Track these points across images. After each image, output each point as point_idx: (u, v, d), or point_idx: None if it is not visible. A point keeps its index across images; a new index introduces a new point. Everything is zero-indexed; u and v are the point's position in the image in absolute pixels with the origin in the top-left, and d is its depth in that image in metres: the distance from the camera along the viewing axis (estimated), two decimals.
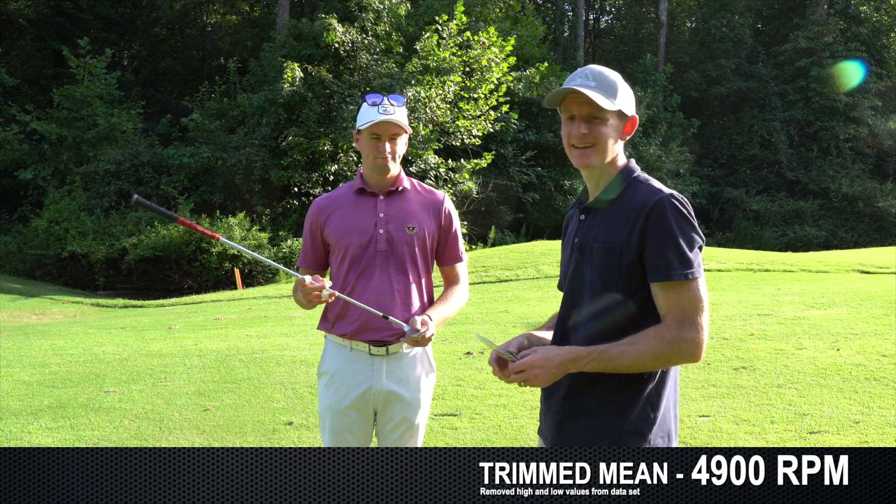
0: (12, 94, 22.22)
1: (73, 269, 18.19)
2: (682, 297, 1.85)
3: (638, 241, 1.89)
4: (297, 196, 18.64)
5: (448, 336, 7.62)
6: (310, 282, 2.52)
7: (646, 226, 1.88)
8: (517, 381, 1.89)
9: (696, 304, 1.86)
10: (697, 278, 1.87)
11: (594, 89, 1.93)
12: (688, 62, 32.02)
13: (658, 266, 1.86)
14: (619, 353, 1.84)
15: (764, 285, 9.81)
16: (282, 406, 5.48)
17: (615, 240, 1.92)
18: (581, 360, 1.85)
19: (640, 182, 1.99)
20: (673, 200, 1.88)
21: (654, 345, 1.83)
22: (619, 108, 1.96)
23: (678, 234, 1.86)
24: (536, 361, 1.86)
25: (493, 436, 4.70)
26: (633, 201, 1.94)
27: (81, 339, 8.61)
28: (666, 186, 1.98)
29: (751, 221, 27.34)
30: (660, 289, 1.87)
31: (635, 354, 1.83)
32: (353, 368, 2.75)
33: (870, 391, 5.22)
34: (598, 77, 1.96)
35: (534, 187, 22.17)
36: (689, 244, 1.87)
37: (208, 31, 31.82)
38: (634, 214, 1.91)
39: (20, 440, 4.84)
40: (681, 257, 1.85)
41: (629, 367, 1.85)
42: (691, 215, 1.90)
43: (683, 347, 1.84)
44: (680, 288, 1.86)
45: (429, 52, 18.28)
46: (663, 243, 1.86)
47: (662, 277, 1.86)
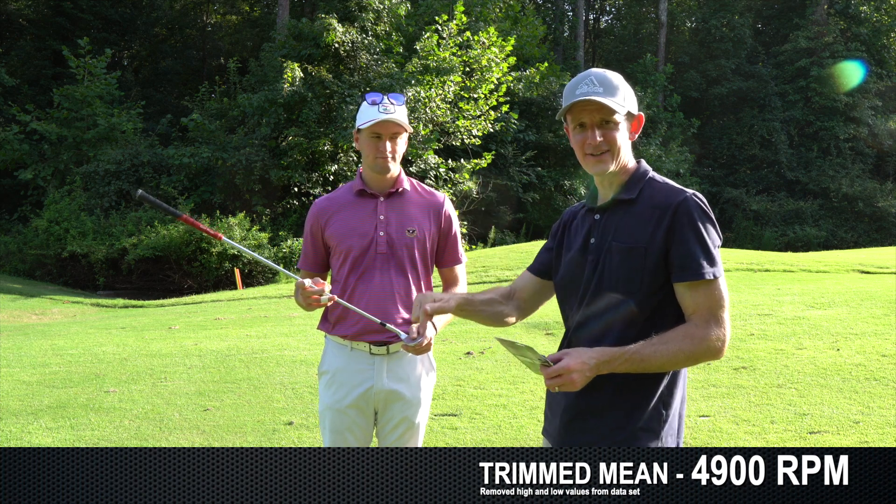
0: (12, 94, 22.22)
1: (73, 269, 18.19)
2: (708, 296, 1.88)
3: (663, 240, 1.89)
4: (297, 196, 18.64)
5: (448, 336, 7.62)
6: (309, 285, 2.52)
7: (672, 225, 1.89)
8: (553, 385, 1.86)
9: (721, 303, 1.89)
10: (721, 276, 1.90)
11: (602, 95, 1.94)
12: (688, 62, 32.03)
13: (686, 265, 1.87)
14: (652, 354, 1.84)
15: (764, 285, 9.81)
16: (282, 406, 5.48)
17: (638, 239, 1.92)
18: (614, 361, 1.85)
19: (657, 182, 2.00)
20: (697, 200, 1.91)
21: (686, 344, 1.85)
22: (628, 110, 1.98)
23: (704, 233, 1.89)
24: (574, 366, 1.83)
25: (493, 436, 4.70)
26: (653, 201, 1.94)
27: (81, 339, 8.61)
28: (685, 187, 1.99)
29: (751, 221, 27.34)
30: (687, 288, 1.88)
31: (667, 354, 1.84)
32: (353, 368, 2.75)
33: (870, 391, 5.22)
34: (603, 81, 1.97)
35: (534, 187, 22.17)
36: (713, 243, 1.90)
37: (208, 31, 31.81)
38: (658, 214, 1.91)
39: (20, 440, 4.84)
40: (707, 256, 1.88)
41: (660, 367, 1.86)
42: (712, 214, 1.93)
43: (711, 345, 1.86)
44: (707, 286, 1.88)
45: (429, 52, 18.28)
46: (690, 243, 1.88)
47: (692, 276, 1.87)
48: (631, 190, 1.99)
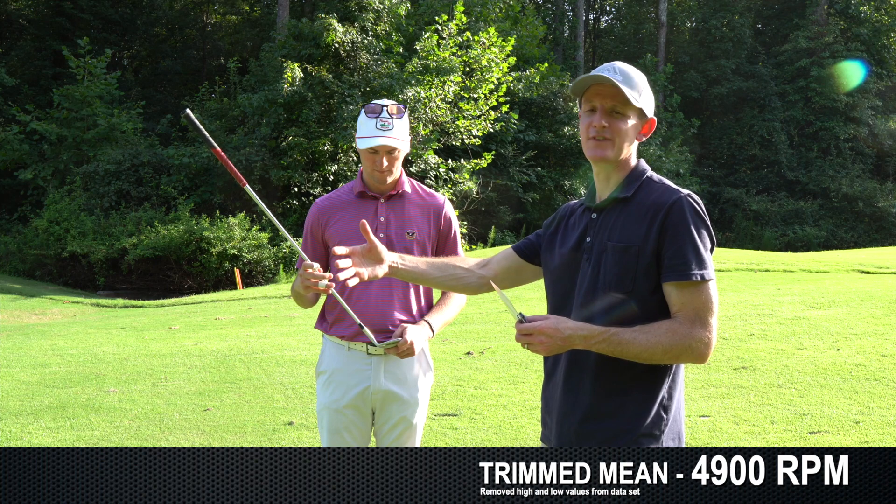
0: (12, 94, 22.20)
1: (73, 269, 18.18)
2: (695, 298, 1.86)
3: (655, 239, 1.89)
4: (297, 196, 18.63)
5: (448, 336, 7.62)
6: (317, 268, 2.50)
7: (664, 224, 1.88)
8: (522, 342, 1.85)
9: (708, 305, 1.87)
10: (711, 279, 1.88)
11: (620, 83, 1.94)
12: (688, 62, 32.02)
13: (675, 265, 1.86)
14: (631, 340, 1.83)
15: (764, 285, 9.81)
16: (282, 406, 5.48)
17: (632, 239, 1.91)
18: (592, 338, 1.84)
19: (654, 181, 1.99)
20: (691, 201, 1.90)
21: (666, 338, 1.83)
22: (642, 107, 1.97)
23: (696, 234, 1.87)
24: (546, 328, 1.82)
25: (493, 436, 4.70)
26: (648, 200, 1.94)
27: (81, 339, 8.61)
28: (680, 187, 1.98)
29: (751, 221, 27.34)
30: (674, 288, 1.87)
31: (646, 344, 1.83)
32: (351, 368, 2.76)
33: (870, 391, 5.22)
34: (624, 73, 1.97)
35: (534, 187, 22.16)
36: (705, 245, 1.89)
37: (208, 31, 31.78)
38: (651, 213, 1.91)
39: (20, 440, 4.84)
40: (697, 258, 1.86)
41: (636, 355, 1.84)
42: (707, 217, 1.92)
43: (693, 346, 1.85)
44: (694, 288, 1.86)
45: (429, 52, 18.27)
46: (681, 243, 1.87)
47: (679, 277, 1.86)
48: (627, 188, 1.99)
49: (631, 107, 1.95)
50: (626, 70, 1.98)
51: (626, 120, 1.96)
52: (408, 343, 2.64)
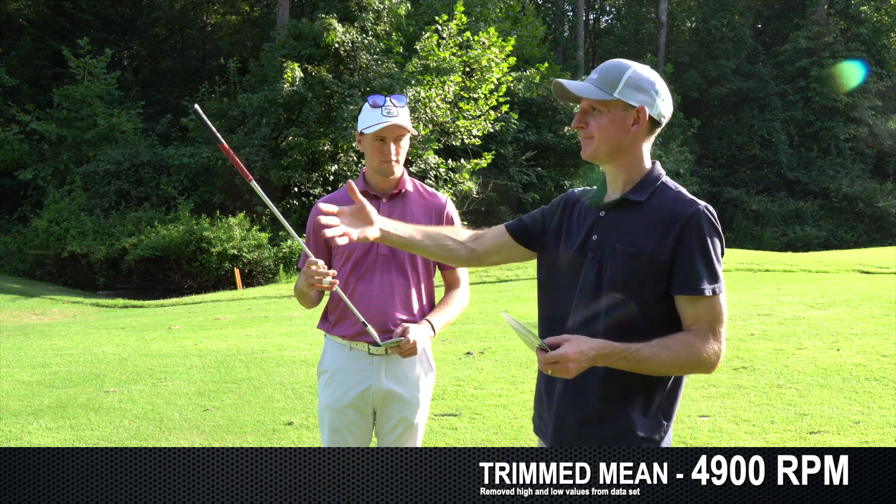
0: (12, 94, 22.19)
1: (73, 269, 18.18)
2: (709, 311, 1.87)
3: (670, 251, 1.87)
4: (297, 196, 18.63)
5: (448, 336, 7.62)
6: (322, 265, 2.50)
7: (680, 237, 1.87)
8: (546, 371, 1.84)
9: (720, 318, 1.89)
10: (722, 293, 1.89)
11: (594, 83, 1.93)
12: (688, 62, 32.01)
13: (689, 280, 1.86)
14: (651, 356, 1.83)
15: (764, 285, 9.81)
16: (282, 406, 5.48)
17: (643, 245, 1.89)
18: (612, 356, 1.83)
19: (668, 188, 1.96)
20: (708, 214, 1.89)
21: (684, 353, 1.85)
22: (621, 98, 1.91)
23: (710, 249, 1.88)
24: (571, 355, 1.79)
25: (493, 436, 4.70)
26: (663, 209, 1.91)
27: (81, 339, 8.61)
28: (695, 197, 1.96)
29: (751, 221, 27.34)
30: (688, 301, 1.88)
31: (665, 360, 1.84)
32: (352, 368, 2.76)
33: (870, 391, 5.22)
34: (605, 69, 1.95)
35: (534, 187, 22.16)
36: (718, 259, 1.90)
37: (208, 31, 31.79)
38: (667, 223, 1.88)
39: (20, 440, 4.84)
40: (711, 272, 1.87)
41: (655, 371, 1.86)
42: (720, 228, 1.92)
43: (707, 359, 1.86)
44: (707, 302, 1.87)
45: (429, 52, 18.27)
46: (696, 257, 1.86)
47: (693, 292, 1.86)
48: (641, 192, 1.95)
49: (607, 102, 1.92)
50: (611, 65, 1.96)
51: (601, 116, 1.93)
52: (410, 343, 2.64)
